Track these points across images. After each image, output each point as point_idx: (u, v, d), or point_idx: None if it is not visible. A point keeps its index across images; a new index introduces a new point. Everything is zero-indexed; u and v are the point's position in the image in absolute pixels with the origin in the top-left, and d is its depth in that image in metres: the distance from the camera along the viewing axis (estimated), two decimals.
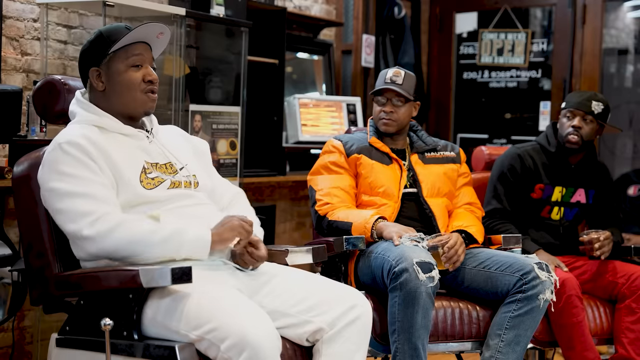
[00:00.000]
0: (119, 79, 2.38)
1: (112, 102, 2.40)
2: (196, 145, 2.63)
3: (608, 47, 6.28)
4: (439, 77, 6.25)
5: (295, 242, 5.23)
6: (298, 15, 5.18)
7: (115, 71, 2.38)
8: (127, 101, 2.39)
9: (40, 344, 3.58)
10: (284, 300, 2.34)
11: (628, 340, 3.30)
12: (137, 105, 2.40)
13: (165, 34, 2.45)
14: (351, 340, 2.32)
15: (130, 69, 2.38)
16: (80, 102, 2.43)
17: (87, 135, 2.31)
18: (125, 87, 2.38)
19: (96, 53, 2.38)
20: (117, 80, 2.38)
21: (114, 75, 2.38)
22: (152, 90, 2.41)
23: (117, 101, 2.40)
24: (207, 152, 2.67)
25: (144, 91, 2.40)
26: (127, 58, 2.38)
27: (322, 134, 4.97)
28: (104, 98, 2.40)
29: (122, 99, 2.39)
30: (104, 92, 2.40)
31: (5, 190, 3.19)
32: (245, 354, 2.02)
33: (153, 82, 2.40)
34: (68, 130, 2.37)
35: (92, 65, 2.39)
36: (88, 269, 2.29)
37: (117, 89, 2.38)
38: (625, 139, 6.39)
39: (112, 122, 2.39)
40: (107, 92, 2.40)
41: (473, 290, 3.03)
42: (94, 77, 2.39)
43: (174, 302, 2.15)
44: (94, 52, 2.39)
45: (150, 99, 2.42)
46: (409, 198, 3.18)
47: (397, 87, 3.20)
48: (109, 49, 2.36)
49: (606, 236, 3.42)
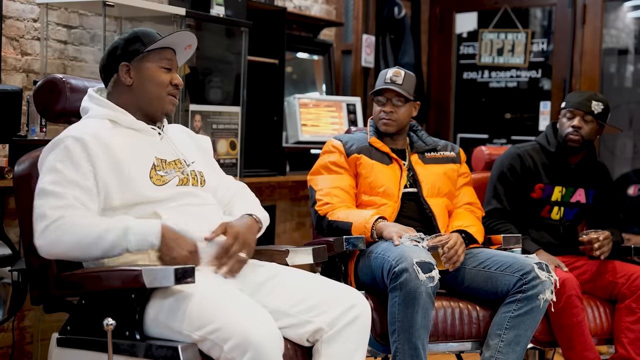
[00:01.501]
0: (149, 76, 2.44)
1: (138, 97, 2.46)
2: (199, 143, 2.67)
3: (608, 47, 6.28)
4: (439, 77, 6.25)
5: (295, 242, 5.23)
6: (298, 15, 5.18)
7: (146, 69, 2.45)
8: (152, 98, 2.46)
9: (41, 344, 3.59)
10: (284, 300, 2.35)
11: (628, 340, 3.30)
12: (161, 104, 2.47)
13: (192, 46, 2.55)
14: (350, 340, 2.32)
15: (160, 70, 2.46)
16: (93, 97, 2.47)
17: (95, 131, 2.35)
18: (154, 84, 2.45)
19: (129, 50, 2.45)
20: (147, 77, 2.44)
21: (144, 72, 2.44)
22: (176, 94, 2.49)
23: (143, 97, 2.46)
24: (210, 149, 2.72)
25: (169, 93, 2.47)
26: (160, 60, 2.46)
27: (322, 134, 4.97)
28: (129, 93, 2.46)
29: (148, 95, 2.45)
30: (130, 87, 2.45)
31: (5, 190, 3.19)
32: (248, 355, 2.03)
33: (178, 87, 2.49)
34: (79, 125, 2.41)
35: (123, 60, 2.44)
36: (90, 268, 2.30)
37: (145, 85, 2.45)
38: (625, 139, 6.39)
39: (126, 116, 2.44)
40: (134, 87, 2.45)
41: (473, 290, 3.03)
42: (123, 71, 2.45)
43: (177, 302, 2.15)
44: (127, 48, 2.45)
45: (172, 102, 2.49)
46: (409, 198, 3.18)
47: (397, 87, 3.20)
48: (143, 47, 2.43)
49: (605, 236, 3.43)
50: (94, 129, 2.36)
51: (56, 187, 2.25)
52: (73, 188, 2.26)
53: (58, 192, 2.24)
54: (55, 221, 2.21)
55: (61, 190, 2.25)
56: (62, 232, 2.21)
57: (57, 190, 2.25)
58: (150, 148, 2.43)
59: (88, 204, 2.26)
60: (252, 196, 2.70)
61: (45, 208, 2.23)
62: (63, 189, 2.25)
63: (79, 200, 2.25)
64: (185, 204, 2.41)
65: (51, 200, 2.24)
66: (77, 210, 2.24)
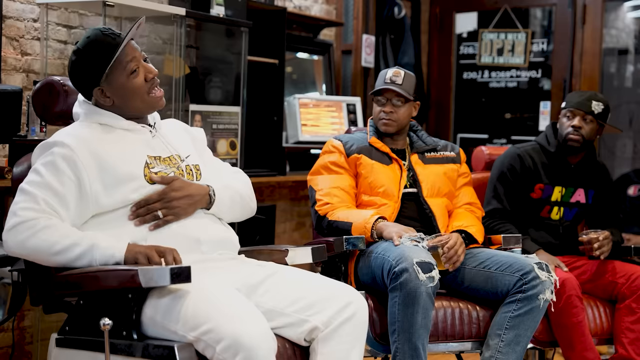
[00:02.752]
0: (124, 90, 2.41)
1: (124, 110, 2.44)
2: (194, 134, 2.67)
3: (608, 47, 6.28)
4: (439, 77, 6.26)
5: (295, 242, 5.23)
6: (298, 15, 5.18)
7: (118, 84, 2.41)
8: (137, 104, 2.44)
9: (40, 344, 3.59)
10: (280, 299, 2.34)
11: (628, 340, 3.30)
12: (147, 104, 2.45)
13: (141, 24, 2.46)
14: (346, 339, 2.31)
15: (130, 77, 2.41)
16: (82, 103, 2.47)
17: (84, 136, 2.35)
18: (132, 94, 2.42)
19: (92, 73, 2.39)
20: (122, 92, 2.41)
21: (118, 88, 2.41)
22: (156, 84, 2.45)
23: (128, 108, 2.44)
24: (203, 138, 2.70)
25: (149, 92, 2.43)
26: (124, 68, 2.40)
27: (322, 134, 4.97)
28: (114, 109, 2.44)
29: (132, 105, 2.44)
30: (113, 105, 2.44)
31: (5, 190, 3.19)
32: (240, 356, 2.02)
33: (155, 78, 2.44)
34: (68, 129, 2.41)
35: (94, 86, 2.41)
36: (87, 268, 2.29)
37: (125, 99, 2.42)
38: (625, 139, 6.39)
39: (115, 119, 2.43)
40: (117, 104, 2.44)
41: (473, 290, 3.03)
42: (100, 96, 2.42)
43: (173, 302, 2.15)
44: (89, 73, 2.40)
45: (157, 95, 2.45)
46: (409, 198, 3.18)
47: (397, 87, 3.20)
48: (104, 67, 2.37)
49: (605, 236, 3.42)
50: (83, 134, 2.36)
51: (32, 187, 2.28)
52: (46, 192, 2.27)
53: (32, 193, 2.27)
54: (25, 222, 2.23)
55: (35, 192, 2.27)
56: (30, 234, 2.22)
57: (32, 191, 2.27)
58: (142, 147, 2.43)
59: (58, 209, 2.28)
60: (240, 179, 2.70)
61: (18, 206, 2.26)
62: (37, 190, 2.27)
63: (48, 204, 2.26)
64: None
65: (25, 200, 2.26)
66: (47, 215, 2.25)
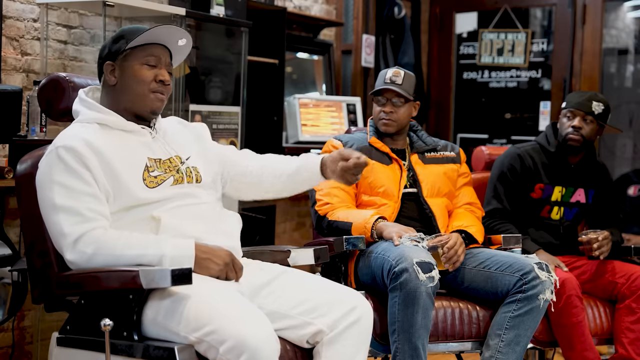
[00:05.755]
0: (131, 74, 2.38)
1: (121, 98, 2.40)
2: (197, 131, 2.63)
3: (608, 47, 6.29)
4: (439, 77, 6.26)
5: (295, 242, 5.23)
6: (298, 15, 5.18)
7: (128, 67, 2.39)
8: (134, 96, 2.39)
9: (40, 344, 3.58)
10: (284, 301, 2.34)
11: (628, 340, 3.30)
12: (145, 101, 2.40)
13: (187, 41, 2.46)
14: (351, 343, 2.31)
15: (143, 67, 2.39)
16: (83, 100, 2.43)
17: (86, 137, 2.30)
18: (136, 82, 2.38)
19: (114, 49, 2.41)
20: (129, 75, 2.39)
21: (126, 70, 2.39)
22: (162, 91, 2.41)
23: (125, 97, 2.40)
24: (206, 134, 2.66)
25: (153, 90, 2.40)
26: (144, 56, 2.39)
27: (322, 134, 4.97)
28: (113, 93, 2.41)
29: (130, 94, 2.39)
30: (114, 87, 2.41)
31: (5, 190, 3.19)
32: (243, 357, 2.02)
33: (164, 83, 2.41)
34: (68, 132, 2.36)
35: (109, 58, 2.41)
36: (89, 269, 2.29)
37: (127, 83, 2.39)
38: (625, 139, 6.40)
39: (115, 118, 2.39)
40: (118, 87, 2.40)
41: (473, 290, 3.03)
42: (108, 71, 2.41)
43: (174, 303, 2.15)
44: (112, 47, 2.41)
45: (158, 99, 2.41)
46: (409, 198, 3.19)
47: (397, 87, 3.20)
48: (126, 45, 2.38)
49: (605, 236, 3.43)
50: (83, 135, 2.31)
51: (67, 200, 2.22)
52: (83, 199, 2.23)
53: (71, 207, 2.22)
54: (80, 237, 2.20)
55: (73, 203, 2.22)
56: (93, 252, 2.20)
57: (69, 204, 2.22)
58: (142, 149, 2.39)
59: (101, 210, 2.25)
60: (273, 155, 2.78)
61: (64, 225, 2.21)
62: (75, 201, 2.22)
63: (93, 210, 2.23)
64: (181, 205, 2.38)
65: (67, 216, 2.22)
66: (95, 222, 2.22)
